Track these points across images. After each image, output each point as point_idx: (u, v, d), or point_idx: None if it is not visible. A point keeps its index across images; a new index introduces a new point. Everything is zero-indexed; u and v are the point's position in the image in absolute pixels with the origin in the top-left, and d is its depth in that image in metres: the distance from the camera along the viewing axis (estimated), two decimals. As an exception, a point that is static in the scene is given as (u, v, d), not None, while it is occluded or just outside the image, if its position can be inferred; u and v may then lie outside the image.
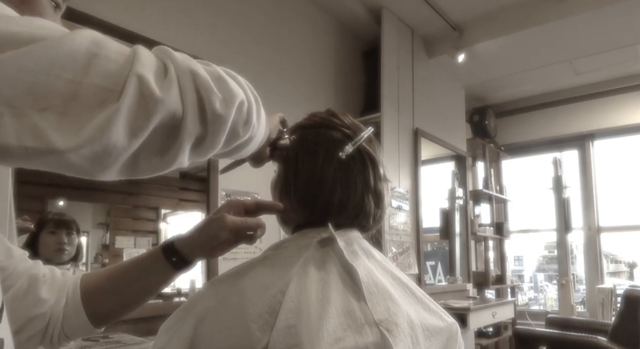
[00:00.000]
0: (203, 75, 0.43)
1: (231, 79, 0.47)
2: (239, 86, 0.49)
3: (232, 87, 0.46)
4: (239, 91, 0.47)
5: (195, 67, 0.43)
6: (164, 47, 0.44)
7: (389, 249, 2.80)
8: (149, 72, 0.39)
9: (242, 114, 0.49)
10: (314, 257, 0.65)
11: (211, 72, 0.45)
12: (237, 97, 0.46)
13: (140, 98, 0.37)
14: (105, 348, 1.46)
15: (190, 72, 0.42)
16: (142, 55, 0.40)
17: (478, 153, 4.37)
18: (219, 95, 0.44)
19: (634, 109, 4.02)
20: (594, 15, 2.87)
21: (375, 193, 0.73)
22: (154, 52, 0.43)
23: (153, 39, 1.96)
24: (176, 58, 0.43)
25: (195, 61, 0.45)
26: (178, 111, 0.40)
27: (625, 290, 3.02)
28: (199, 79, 0.42)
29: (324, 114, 0.77)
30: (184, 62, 0.43)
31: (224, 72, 0.47)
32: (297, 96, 2.70)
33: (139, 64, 0.38)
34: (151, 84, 0.38)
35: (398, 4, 3.00)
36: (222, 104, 0.44)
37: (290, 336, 0.56)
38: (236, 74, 0.51)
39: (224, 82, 0.45)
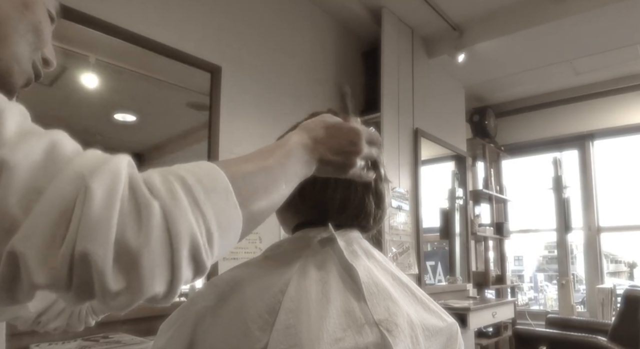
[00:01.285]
0: (100, 260, 0.33)
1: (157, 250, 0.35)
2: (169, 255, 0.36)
3: (146, 270, 0.35)
4: (153, 282, 0.35)
5: (95, 246, 0.33)
6: (103, 171, 0.35)
7: (389, 249, 2.80)
8: (35, 240, 0.32)
9: (160, 296, 0.38)
10: (314, 257, 0.65)
11: (125, 248, 0.34)
12: (146, 287, 0.35)
13: (20, 282, 0.33)
14: (106, 348, 1.46)
15: (83, 255, 0.33)
16: (48, 202, 0.32)
17: (478, 153, 4.37)
18: (112, 289, 0.34)
19: (634, 109, 4.02)
20: (594, 15, 2.87)
21: (376, 193, 0.73)
22: (84, 184, 0.33)
23: (153, 39, 1.96)
24: (88, 211, 0.33)
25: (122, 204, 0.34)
26: (60, 288, 0.34)
27: (625, 290, 3.02)
28: (95, 265, 0.33)
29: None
30: (94, 223, 0.33)
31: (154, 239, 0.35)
32: (296, 95, 2.70)
33: (26, 232, 0.32)
34: (30, 269, 0.32)
35: (398, 4, 3.00)
36: (118, 300, 0.35)
37: (290, 336, 0.56)
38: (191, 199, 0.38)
39: (135, 266, 0.34)
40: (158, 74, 2.11)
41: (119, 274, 0.34)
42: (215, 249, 0.40)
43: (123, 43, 1.87)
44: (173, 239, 0.36)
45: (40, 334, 1.48)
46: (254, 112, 2.42)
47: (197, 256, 0.38)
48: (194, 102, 2.24)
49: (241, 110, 2.35)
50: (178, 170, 0.39)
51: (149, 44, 1.96)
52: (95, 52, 1.82)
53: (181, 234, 0.36)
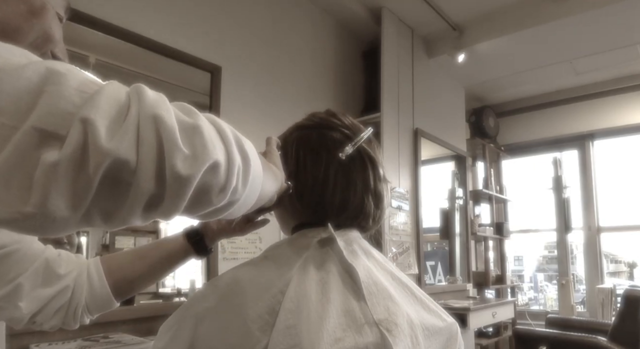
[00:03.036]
0: (170, 123, 0.35)
1: (212, 132, 0.39)
2: (222, 141, 0.40)
3: (208, 142, 0.38)
4: (215, 149, 0.38)
5: (163, 112, 0.35)
6: (140, 85, 0.37)
7: (389, 249, 2.80)
8: (102, 115, 0.32)
9: (217, 177, 0.39)
10: (314, 258, 0.65)
11: (183, 122, 0.37)
12: (209, 156, 0.37)
13: (83, 150, 0.31)
14: (106, 348, 1.46)
15: (154, 119, 0.34)
16: (103, 95, 0.33)
17: (478, 153, 4.37)
18: (185, 151, 0.35)
19: (634, 109, 4.02)
20: (594, 15, 2.87)
21: (375, 194, 0.73)
22: (129, 90, 0.36)
23: (153, 39, 1.96)
24: (145, 99, 0.35)
25: (170, 105, 0.37)
26: (129, 164, 0.33)
27: (625, 290, 3.02)
28: (164, 127, 0.34)
29: (324, 115, 0.77)
30: (152, 105, 0.35)
31: (204, 123, 0.39)
32: (296, 95, 2.70)
33: (92, 104, 0.32)
34: (98, 131, 0.31)
35: (398, 4, 3.00)
36: (186, 163, 0.35)
37: (290, 337, 0.56)
38: (226, 125, 0.43)
39: (198, 135, 0.37)
40: (158, 74, 2.11)
41: (186, 139, 0.36)
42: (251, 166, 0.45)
43: (123, 43, 1.87)
44: (219, 130, 0.41)
45: (40, 334, 1.48)
46: (254, 112, 2.42)
47: (242, 147, 0.43)
48: (194, 102, 2.23)
49: (241, 110, 2.35)
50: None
51: (149, 44, 1.96)
52: (95, 52, 1.82)
53: (225, 129, 0.42)
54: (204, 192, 0.39)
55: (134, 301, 1.85)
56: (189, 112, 0.39)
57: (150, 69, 2.06)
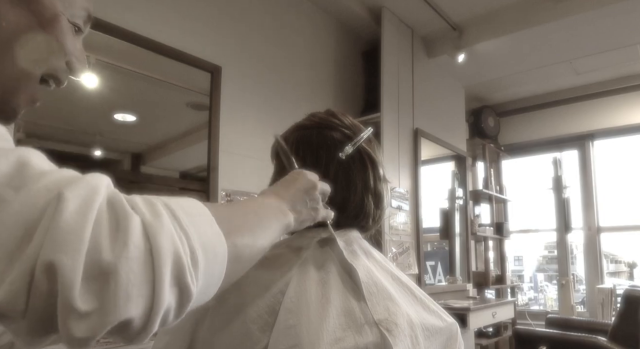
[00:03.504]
0: (69, 275, 0.29)
1: (135, 271, 0.31)
2: (147, 283, 0.32)
3: (120, 293, 0.30)
4: (128, 302, 0.31)
5: (64, 257, 0.29)
6: (79, 185, 0.32)
7: (389, 249, 2.80)
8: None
9: (130, 331, 0.33)
10: (314, 258, 0.65)
11: (94, 263, 0.30)
12: (117, 314, 0.31)
13: None
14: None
15: (49, 267, 0.29)
16: (12, 211, 0.29)
17: (478, 153, 4.37)
18: (81, 310, 0.30)
19: (634, 109, 4.02)
20: (594, 15, 2.87)
21: (375, 194, 0.73)
22: (56, 194, 0.31)
23: (153, 39, 1.96)
24: (58, 220, 0.30)
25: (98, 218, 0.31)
26: (15, 314, 0.30)
27: (625, 290, 3.02)
28: (61, 279, 0.29)
29: (324, 115, 0.77)
30: (55, 244, 0.29)
31: (127, 259, 0.31)
32: (296, 95, 2.70)
33: None
34: None
35: (398, 4, 3.00)
36: (81, 324, 0.30)
37: (290, 337, 0.56)
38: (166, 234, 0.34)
39: (108, 284, 0.30)
40: (158, 74, 2.11)
41: (88, 292, 0.29)
42: (200, 276, 0.36)
43: (123, 43, 1.87)
44: (155, 255, 0.32)
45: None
46: (254, 112, 2.42)
47: (182, 277, 0.34)
48: (194, 102, 2.24)
49: (241, 110, 2.35)
50: (160, 197, 0.37)
51: (149, 44, 1.96)
52: (95, 52, 1.82)
53: (163, 251, 0.33)
54: (126, 334, 0.33)
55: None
56: (117, 233, 0.32)
57: (150, 69, 2.06)
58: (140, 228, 0.32)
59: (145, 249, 0.32)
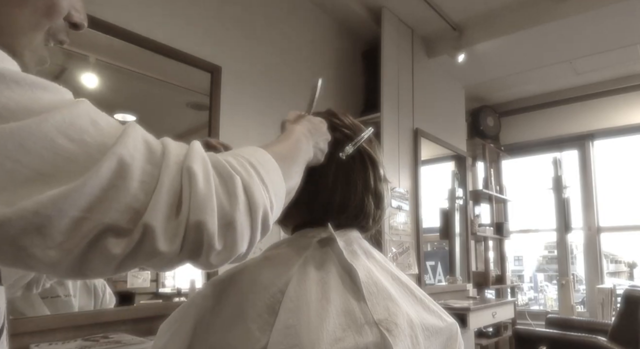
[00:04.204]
0: (211, 228, 0.40)
1: (244, 221, 0.44)
2: (249, 226, 0.45)
3: (238, 237, 0.43)
4: (242, 242, 0.45)
5: (208, 217, 0.40)
6: (192, 166, 0.41)
7: (389, 249, 2.80)
8: (160, 218, 0.38)
9: (241, 258, 0.48)
10: (314, 257, 0.65)
11: (222, 217, 0.42)
12: (237, 250, 0.44)
13: (142, 247, 0.37)
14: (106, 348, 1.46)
15: (199, 225, 0.40)
16: (162, 190, 0.38)
17: (478, 153, 4.37)
18: (218, 248, 0.42)
19: (634, 109, 4.02)
20: (594, 15, 2.87)
21: (375, 194, 0.73)
22: (182, 175, 0.41)
23: (153, 39, 1.96)
24: (195, 194, 0.40)
25: (213, 187, 0.42)
26: (173, 255, 0.40)
27: (625, 290, 3.02)
28: (206, 232, 0.40)
29: (324, 114, 0.77)
30: (200, 205, 0.40)
31: (240, 209, 0.43)
32: (296, 96, 2.70)
33: (153, 205, 0.38)
34: (156, 236, 0.37)
35: (398, 4, 3.00)
36: (217, 258, 0.43)
37: (290, 336, 0.56)
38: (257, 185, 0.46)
39: (231, 232, 0.43)
40: (158, 74, 2.10)
41: (221, 236, 0.41)
42: (274, 215, 0.50)
43: (123, 43, 1.87)
44: (252, 207, 0.44)
45: (40, 334, 1.48)
46: (254, 112, 2.42)
47: (266, 221, 0.47)
48: (194, 102, 2.24)
49: (241, 110, 2.35)
50: (242, 153, 0.48)
51: (149, 44, 1.96)
52: (95, 52, 1.82)
53: (258, 203, 0.45)
54: (237, 259, 0.47)
55: (134, 301, 1.85)
56: (229, 192, 0.43)
57: (150, 69, 2.06)
58: (242, 186, 0.44)
59: (246, 202, 0.44)
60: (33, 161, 0.33)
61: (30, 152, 0.33)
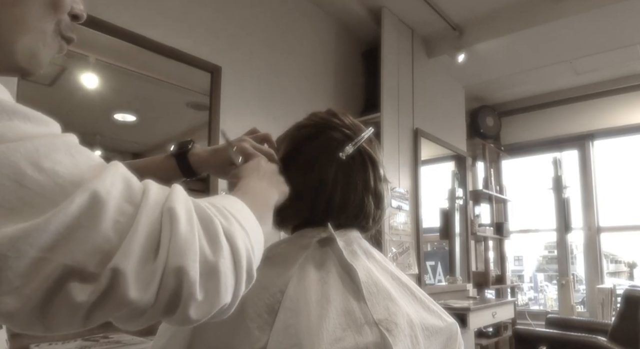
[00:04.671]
0: (192, 276, 0.37)
1: (228, 269, 0.40)
2: (234, 277, 0.41)
3: (221, 287, 0.39)
4: (226, 292, 0.40)
5: (189, 262, 0.36)
6: (173, 206, 0.38)
7: (389, 249, 2.80)
8: (132, 264, 0.34)
9: (225, 312, 0.43)
10: (314, 257, 0.65)
11: (204, 264, 0.38)
12: (220, 301, 0.40)
13: (109, 296, 0.34)
14: (106, 348, 1.46)
15: (178, 272, 0.36)
16: (137, 234, 0.35)
17: (478, 153, 4.37)
18: (199, 299, 0.38)
19: (634, 109, 4.02)
20: (594, 15, 2.87)
21: (375, 194, 0.73)
22: (162, 215, 0.37)
23: (153, 39, 1.96)
24: (175, 239, 0.36)
25: (196, 234, 0.38)
26: (145, 307, 0.36)
27: (625, 290, 3.02)
28: (186, 281, 0.36)
29: (324, 114, 0.77)
30: (180, 251, 0.36)
31: (224, 258, 0.40)
32: (297, 95, 2.70)
33: (124, 251, 0.34)
34: (127, 283, 0.34)
35: (398, 4, 3.00)
36: (198, 310, 0.38)
37: (290, 336, 0.56)
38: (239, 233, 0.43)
39: (214, 280, 0.39)
40: (158, 74, 2.11)
41: (202, 286, 0.38)
42: (256, 263, 0.46)
43: (123, 43, 1.87)
44: (235, 255, 0.41)
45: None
46: (254, 112, 2.42)
47: (250, 269, 0.44)
48: (194, 102, 2.24)
49: (241, 110, 2.35)
50: (214, 201, 0.45)
51: (149, 44, 1.96)
52: (95, 52, 1.82)
53: (241, 250, 0.42)
54: (219, 314, 0.43)
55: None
56: (211, 237, 0.39)
57: (150, 69, 2.06)
58: (222, 232, 0.40)
59: (229, 249, 0.41)
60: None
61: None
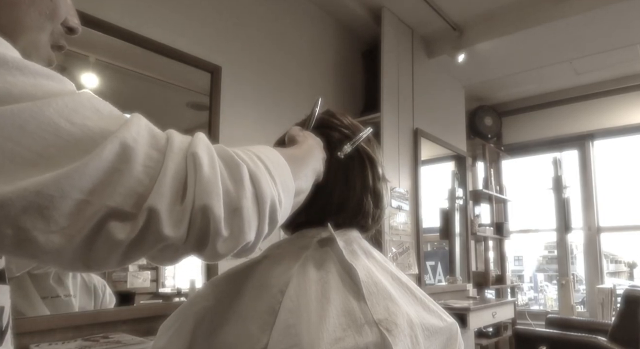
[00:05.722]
0: (217, 213, 0.39)
1: (250, 208, 0.43)
2: (257, 216, 0.44)
3: (245, 224, 0.42)
4: (250, 230, 0.43)
5: (214, 201, 0.39)
6: (197, 151, 0.41)
7: (389, 249, 2.80)
8: (165, 203, 0.37)
9: (248, 249, 0.47)
10: (314, 257, 0.65)
11: (229, 203, 0.41)
12: (244, 238, 0.43)
13: (146, 233, 0.37)
14: (106, 348, 1.46)
15: (205, 210, 0.39)
16: (167, 177, 0.38)
17: (478, 153, 4.37)
18: (224, 235, 0.41)
19: (634, 109, 4.02)
20: (594, 15, 2.87)
21: (374, 193, 0.73)
22: (187, 160, 0.40)
23: (153, 39, 1.96)
24: (201, 179, 0.39)
25: (219, 173, 0.41)
26: (179, 241, 0.39)
27: (625, 290, 3.02)
28: (212, 217, 0.39)
29: (323, 115, 0.77)
30: (206, 190, 0.39)
31: (247, 197, 0.43)
32: (296, 96, 2.70)
33: (157, 190, 0.37)
34: (161, 220, 0.37)
35: (398, 4, 3.00)
36: (224, 245, 0.41)
37: (290, 336, 0.56)
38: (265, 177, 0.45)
39: (238, 218, 0.42)
40: (158, 74, 2.11)
41: (227, 223, 0.41)
42: (283, 210, 0.49)
43: (123, 43, 1.87)
44: (259, 196, 0.44)
45: (40, 334, 1.48)
46: (254, 112, 2.42)
47: (274, 212, 0.46)
48: (194, 102, 2.24)
49: (241, 110, 2.35)
50: (250, 148, 0.48)
51: (149, 44, 1.96)
52: (95, 52, 1.82)
53: (265, 193, 0.44)
54: (242, 251, 0.46)
55: (134, 301, 1.85)
56: (235, 179, 0.42)
57: (150, 69, 2.06)
58: (248, 175, 0.43)
59: (253, 191, 0.43)
60: (34, 143, 0.33)
61: (32, 135, 0.33)
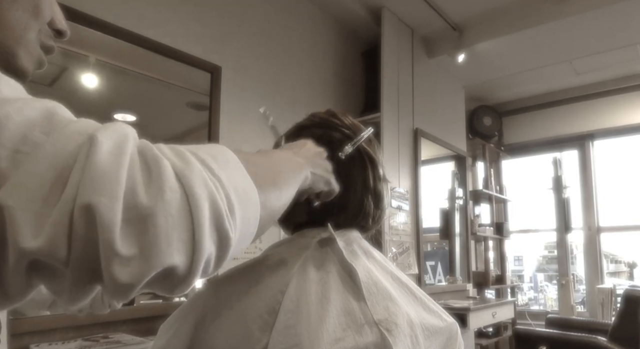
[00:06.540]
0: (107, 217, 0.28)
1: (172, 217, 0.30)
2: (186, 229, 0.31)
3: (160, 239, 0.30)
4: (169, 248, 0.30)
5: (102, 199, 0.28)
6: (95, 135, 0.30)
7: (389, 249, 2.80)
8: (24, 201, 0.27)
9: (173, 281, 0.32)
10: (314, 258, 0.65)
11: (130, 208, 0.29)
12: (159, 260, 0.30)
13: (3, 247, 0.28)
14: (106, 348, 1.46)
15: (87, 209, 0.28)
16: (44, 152, 0.29)
17: (478, 153, 4.37)
18: (123, 255, 0.29)
19: (634, 109, 4.02)
20: (594, 15, 2.87)
21: (375, 193, 0.73)
22: (88, 137, 0.30)
23: (153, 39, 1.96)
24: (89, 170, 0.29)
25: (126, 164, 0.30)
26: (60, 258, 0.28)
27: (625, 290, 3.02)
28: (100, 221, 0.28)
29: (324, 115, 0.77)
30: (92, 183, 0.28)
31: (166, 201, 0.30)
32: (296, 95, 2.70)
33: (14, 184, 0.27)
34: (18, 226, 0.27)
35: (398, 4, 3.00)
36: (125, 269, 0.29)
37: (290, 336, 0.56)
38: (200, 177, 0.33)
39: (148, 229, 0.29)
40: (158, 74, 2.11)
41: (129, 236, 0.29)
42: (237, 222, 0.35)
43: (123, 43, 1.87)
44: (190, 200, 0.31)
45: (40, 334, 1.48)
46: (254, 112, 2.42)
47: (220, 223, 0.33)
48: (194, 102, 2.24)
49: (241, 110, 2.35)
50: (183, 146, 0.36)
51: (149, 44, 1.96)
52: (95, 52, 1.82)
53: (198, 196, 0.32)
54: (170, 282, 0.32)
55: (134, 301, 1.85)
56: (151, 176, 0.31)
57: (150, 69, 2.06)
58: (172, 173, 0.32)
59: (181, 193, 0.31)
60: None
61: None
